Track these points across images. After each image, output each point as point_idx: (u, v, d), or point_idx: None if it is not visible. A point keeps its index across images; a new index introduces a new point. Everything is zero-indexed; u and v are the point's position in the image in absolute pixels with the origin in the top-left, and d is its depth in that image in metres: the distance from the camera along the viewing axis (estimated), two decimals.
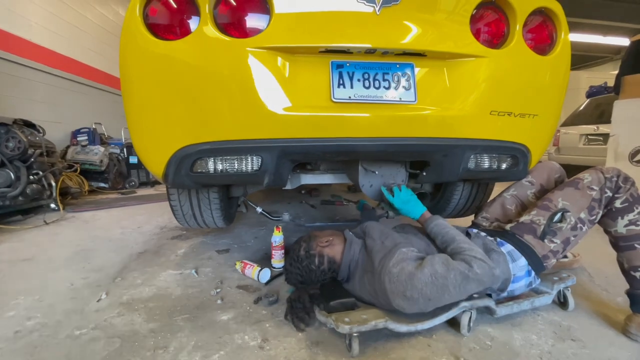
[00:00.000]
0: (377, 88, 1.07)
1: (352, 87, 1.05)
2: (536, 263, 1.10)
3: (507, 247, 1.12)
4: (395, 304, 0.96)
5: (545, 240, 1.11)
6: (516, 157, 1.26)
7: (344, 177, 1.71)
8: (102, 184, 3.85)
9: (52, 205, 2.74)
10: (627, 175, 1.11)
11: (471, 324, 1.03)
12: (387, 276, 0.97)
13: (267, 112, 1.02)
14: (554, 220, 1.11)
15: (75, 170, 3.47)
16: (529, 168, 1.33)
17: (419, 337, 1.01)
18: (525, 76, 1.17)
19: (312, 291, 1.05)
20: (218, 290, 1.32)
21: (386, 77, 1.08)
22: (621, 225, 1.07)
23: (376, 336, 1.00)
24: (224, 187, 1.65)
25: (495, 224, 1.31)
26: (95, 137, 3.96)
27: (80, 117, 4.43)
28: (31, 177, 2.48)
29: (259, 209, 1.75)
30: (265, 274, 1.40)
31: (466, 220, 1.73)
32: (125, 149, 4.21)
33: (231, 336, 1.01)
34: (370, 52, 1.06)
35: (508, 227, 1.19)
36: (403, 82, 1.08)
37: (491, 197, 1.75)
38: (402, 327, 0.96)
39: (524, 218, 1.18)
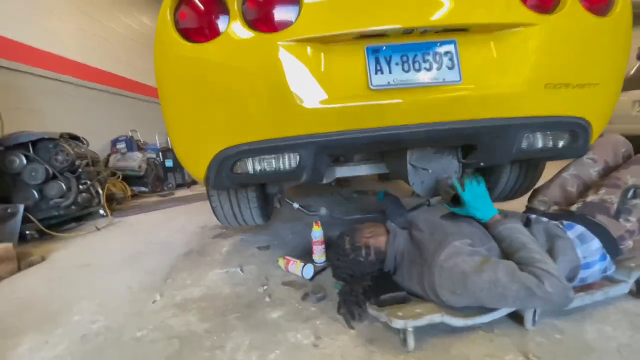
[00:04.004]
0: (418, 70, 1.00)
1: (390, 72, 0.99)
2: (611, 245, 1.00)
3: (577, 230, 1.02)
4: (442, 297, 0.92)
5: (620, 219, 1.02)
6: (575, 132, 1.14)
7: (381, 167, 1.65)
8: (142, 188, 4.05)
9: (101, 212, 2.92)
10: None
11: (536, 317, 0.96)
12: (438, 270, 0.92)
13: (303, 107, 0.99)
14: (628, 197, 1.01)
15: (118, 177, 3.67)
16: (590, 143, 1.21)
17: (479, 331, 0.96)
18: (582, 42, 1.05)
19: (364, 284, 1.02)
20: (265, 287, 1.33)
21: (427, 57, 1.00)
22: None
23: (433, 331, 0.96)
24: (261, 186, 1.66)
25: (554, 207, 1.21)
26: (132, 144, 4.16)
27: (116, 126, 4.66)
28: (80, 186, 2.65)
29: (295, 205, 1.75)
30: (309, 270, 1.39)
31: (516, 204, 1.62)
32: (160, 153, 4.40)
33: (284, 334, 1.02)
34: (407, 32, 0.99)
35: (574, 208, 1.10)
36: (446, 61, 1.00)
37: (544, 178, 1.63)
38: (460, 322, 0.91)
39: (592, 198, 1.08)
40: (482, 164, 1.23)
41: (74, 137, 2.89)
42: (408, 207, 1.82)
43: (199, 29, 1.02)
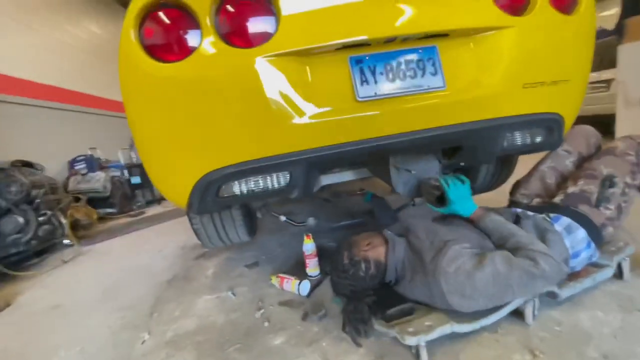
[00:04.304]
0: (402, 79, 0.99)
1: (375, 82, 0.97)
2: (595, 233, 1.06)
3: (564, 221, 1.07)
4: (453, 304, 0.92)
5: (601, 208, 1.08)
6: (551, 127, 1.18)
7: (364, 171, 1.64)
8: (109, 210, 3.78)
9: (66, 242, 2.68)
10: None
11: (535, 312, 0.99)
12: (443, 276, 0.92)
13: (290, 123, 0.95)
14: (605, 187, 1.07)
15: (80, 201, 3.40)
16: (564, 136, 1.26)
17: (484, 333, 0.97)
18: (554, 40, 1.08)
19: (368, 299, 1.00)
20: (262, 311, 1.27)
21: (410, 65, 0.99)
22: None
23: (440, 338, 0.95)
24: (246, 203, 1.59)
25: (537, 200, 1.26)
26: (93, 164, 3.86)
27: (73, 145, 4.30)
28: (40, 218, 2.41)
29: (282, 218, 1.70)
30: (305, 286, 1.35)
31: (501, 198, 1.67)
32: (125, 171, 4.12)
33: None
34: (389, 40, 0.97)
35: (557, 200, 1.14)
36: (429, 67, 1.00)
37: (516, 169, 1.71)
38: (467, 327, 0.92)
39: (572, 189, 1.14)
40: (463, 164, 1.25)
41: (27, 164, 2.63)
42: (394, 207, 1.84)
43: (168, 46, 0.94)
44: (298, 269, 1.56)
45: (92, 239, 2.92)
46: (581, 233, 1.06)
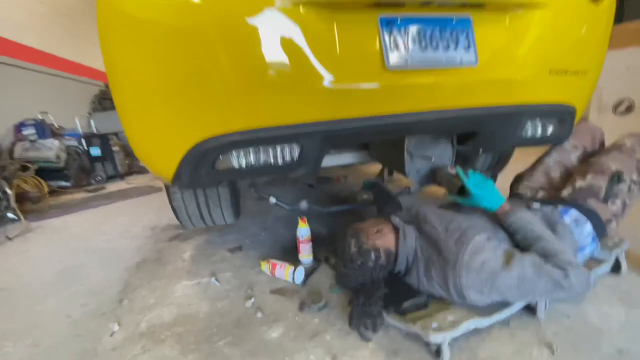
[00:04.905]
0: (435, 49, 0.88)
1: (407, 49, 0.86)
2: (600, 228, 1.06)
3: (572, 214, 1.05)
4: (468, 297, 0.86)
5: (608, 203, 1.07)
6: (565, 119, 1.15)
7: (364, 155, 1.55)
8: (63, 183, 3.37)
9: (11, 215, 2.33)
10: None
11: (547, 306, 0.96)
12: (465, 270, 0.85)
13: (306, 88, 0.82)
14: (614, 182, 1.06)
15: (28, 170, 2.97)
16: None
17: (496, 327, 0.93)
18: (580, 28, 1.04)
19: (379, 292, 0.92)
20: (252, 300, 1.15)
21: (444, 35, 0.89)
22: None
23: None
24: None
25: (540, 193, 1.24)
26: (44, 130, 3.40)
27: (20, 108, 3.76)
28: None
29: (272, 200, 1.55)
30: (300, 274, 1.24)
31: None
32: (84, 140, 3.68)
33: (293, 358, 0.87)
34: (425, 3, 0.86)
35: (565, 194, 1.12)
36: (462, 40, 0.90)
37: (511, 161, 1.70)
38: (486, 322, 0.87)
39: (580, 184, 1.12)
40: (481, 150, 1.19)
41: None
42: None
43: None
44: (288, 255, 1.44)
45: (42, 214, 2.58)
46: (588, 227, 1.05)
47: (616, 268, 1.17)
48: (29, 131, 3.40)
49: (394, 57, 0.84)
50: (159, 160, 0.93)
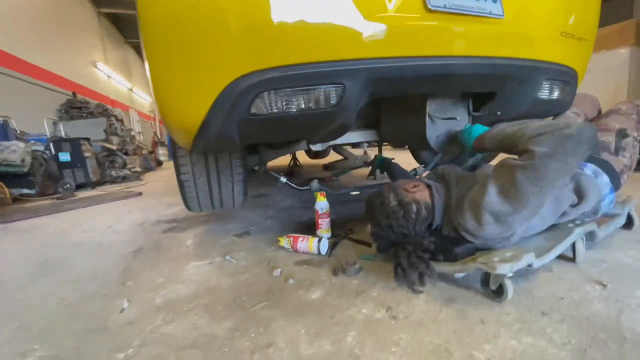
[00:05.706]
0: None
1: None
2: (615, 179, 1.10)
3: (590, 167, 1.09)
4: (487, 231, 0.84)
5: (620, 156, 1.13)
6: (569, 82, 1.23)
7: (372, 134, 1.54)
8: (26, 190, 3.03)
9: None
10: None
11: (584, 248, 0.97)
12: (489, 196, 0.83)
13: (349, 23, 0.79)
14: (620, 137, 1.14)
15: None
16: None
17: (541, 272, 0.92)
18: None
19: (426, 242, 0.87)
20: (279, 270, 1.05)
21: None
22: None
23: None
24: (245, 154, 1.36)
25: None
26: (8, 132, 3.08)
27: None
28: None
29: (283, 179, 1.48)
30: (325, 244, 1.17)
31: None
32: (52, 145, 3.36)
33: (344, 313, 0.79)
34: None
35: None
36: None
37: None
38: (538, 262, 0.84)
39: None
40: (498, 113, 1.22)
41: None
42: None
43: None
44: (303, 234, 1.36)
45: (5, 217, 2.27)
46: (605, 178, 1.09)
47: (628, 224, 1.22)
48: None
49: None
50: (189, 106, 0.84)
